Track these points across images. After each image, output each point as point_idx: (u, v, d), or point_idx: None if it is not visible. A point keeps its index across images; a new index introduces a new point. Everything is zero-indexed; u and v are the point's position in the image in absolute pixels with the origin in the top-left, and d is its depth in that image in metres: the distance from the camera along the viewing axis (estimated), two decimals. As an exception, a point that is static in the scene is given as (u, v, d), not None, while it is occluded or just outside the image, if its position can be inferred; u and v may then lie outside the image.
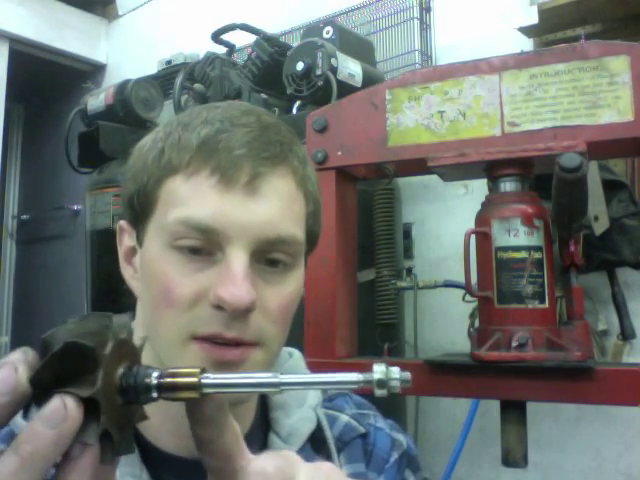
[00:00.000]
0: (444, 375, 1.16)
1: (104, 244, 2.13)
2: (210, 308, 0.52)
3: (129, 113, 2.24)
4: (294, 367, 0.70)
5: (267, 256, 0.55)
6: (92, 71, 3.56)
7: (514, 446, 1.13)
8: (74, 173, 2.36)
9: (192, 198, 0.53)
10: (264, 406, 0.66)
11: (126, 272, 0.61)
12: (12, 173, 4.11)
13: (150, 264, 0.55)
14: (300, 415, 0.65)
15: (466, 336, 1.24)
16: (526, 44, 1.98)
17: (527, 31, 1.93)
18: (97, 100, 2.33)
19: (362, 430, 0.68)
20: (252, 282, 0.52)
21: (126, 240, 0.61)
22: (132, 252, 0.60)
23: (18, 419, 0.54)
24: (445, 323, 2.05)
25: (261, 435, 0.63)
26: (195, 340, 0.53)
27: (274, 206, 0.54)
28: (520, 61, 1.15)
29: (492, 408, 1.27)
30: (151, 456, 0.57)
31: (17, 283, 4.02)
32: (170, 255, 0.53)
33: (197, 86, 2.12)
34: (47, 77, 3.57)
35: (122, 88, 2.26)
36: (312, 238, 0.62)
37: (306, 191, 0.59)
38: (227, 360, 0.53)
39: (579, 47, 1.12)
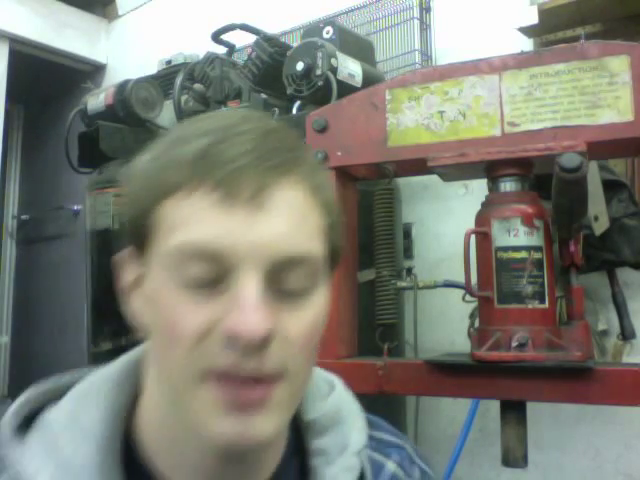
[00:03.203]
0: (444, 375, 1.16)
1: (104, 244, 2.13)
2: (221, 342, 0.46)
3: (129, 113, 2.24)
4: (339, 402, 0.62)
5: (283, 279, 0.48)
6: (92, 71, 3.56)
7: (514, 446, 1.13)
8: (74, 173, 2.36)
9: (192, 220, 0.47)
10: (299, 450, 0.59)
11: (129, 308, 0.55)
12: (12, 173, 4.11)
13: (153, 298, 0.50)
14: (342, 464, 0.58)
15: (466, 336, 1.24)
16: (526, 44, 1.98)
17: (527, 31, 1.93)
18: (97, 100, 2.33)
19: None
20: (268, 309, 0.46)
21: (127, 273, 0.54)
22: (135, 285, 0.53)
23: None
24: (445, 323, 2.05)
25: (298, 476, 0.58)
26: (208, 379, 0.47)
27: (284, 221, 0.48)
28: (520, 61, 1.15)
29: (492, 408, 1.27)
30: None
31: (17, 283, 4.02)
32: (174, 286, 0.48)
33: (197, 86, 2.12)
34: (47, 77, 3.57)
35: (122, 88, 2.26)
36: (334, 253, 0.54)
37: (322, 201, 0.52)
38: (247, 402, 0.47)
39: (579, 47, 1.12)
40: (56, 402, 0.55)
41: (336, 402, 0.62)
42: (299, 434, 0.60)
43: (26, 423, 0.54)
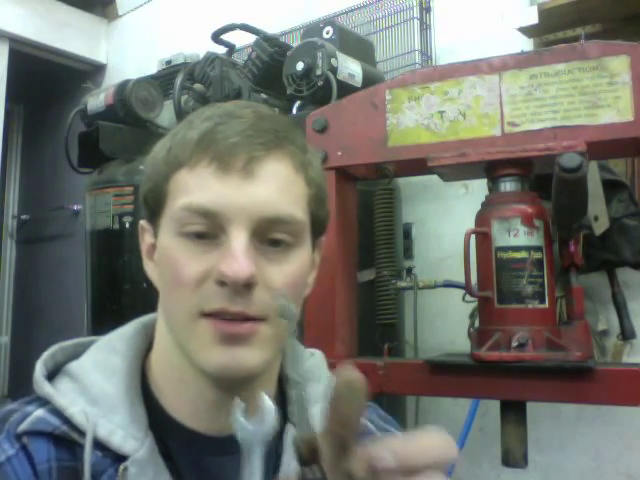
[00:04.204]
0: (444, 375, 1.16)
1: (104, 244, 2.13)
2: (215, 285, 0.55)
3: (129, 113, 2.23)
4: (317, 364, 0.73)
5: (268, 236, 0.57)
6: (92, 71, 3.56)
7: (514, 446, 1.13)
8: (74, 173, 2.36)
9: (194, 186, 0.57)
10: (283, 399, 0.68)
11: (148, 267, 0.65)
12: (12, 173, 4.11)
13: (163, 252, 0.60)
14: (316, 409, 0.66)
15: (466, 336, 1.24)
16: (526, 44, 1.98)
17: (527, 31, 1.93)
18: (97, 100, 2.33)
19: (377, 433, 0.70)
20: (253, 259, 0.55)
21: (147, 238, 0.65)
22: (152, 248, 0.64)
23: None
24: (445, 323, 2.05)
25: (279, 423, 0.66)
26: (204, 316, 0.56)
27: (271, 187, 0.57)
28: (520, 61, 1.15)
29: (492, 408, 1.27)
30: (167, 427, 0.61)
31: (17, 283, 4.02)
32: (179, 242, 0.58)
33: (197, 86, 2.11)
34: (47, 77, 3.56)
35: (122, 88, 2.26)
36: (317, 222, 0.64)
37: (306, 175, 0.61)
38: (235, 333, 0.56)
39: (579, 47, 1.12)
40: (76, 359, 0.65)
41: (315, 364, 0.73)
42: (282, 387, 0.69)
43: (49, 376, 0.63)
